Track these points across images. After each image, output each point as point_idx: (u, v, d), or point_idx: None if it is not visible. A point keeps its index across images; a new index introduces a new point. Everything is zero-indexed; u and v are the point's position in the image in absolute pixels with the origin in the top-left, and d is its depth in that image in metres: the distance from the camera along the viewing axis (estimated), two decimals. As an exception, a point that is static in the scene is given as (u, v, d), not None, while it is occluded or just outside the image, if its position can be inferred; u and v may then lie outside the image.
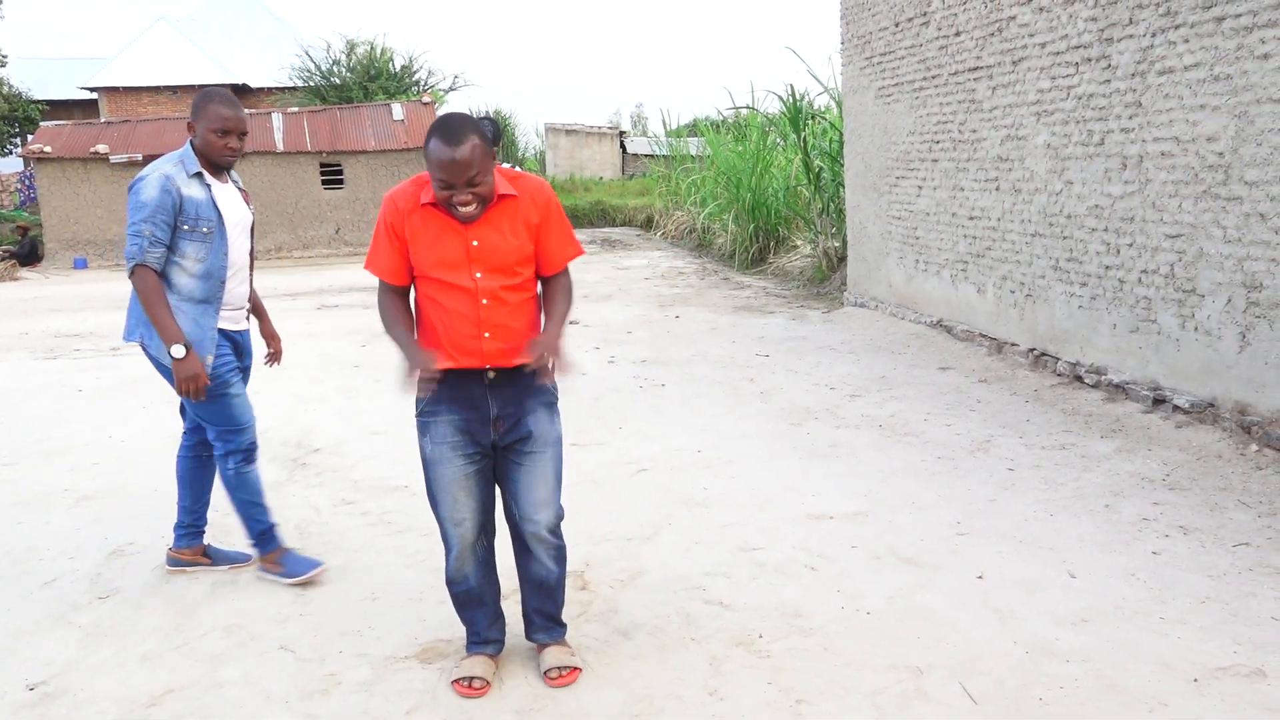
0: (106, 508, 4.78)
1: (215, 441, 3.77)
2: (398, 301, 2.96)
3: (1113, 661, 3.05)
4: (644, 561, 3.93)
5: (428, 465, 2.96)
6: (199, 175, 3.67)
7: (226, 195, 3.77)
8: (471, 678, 3.00)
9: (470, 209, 2.76)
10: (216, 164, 3.72)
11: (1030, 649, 3.14)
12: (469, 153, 2.69)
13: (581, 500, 4.48)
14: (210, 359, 3.66)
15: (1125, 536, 4.03)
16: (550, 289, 3.01)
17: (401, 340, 2.89)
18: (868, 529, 4.20)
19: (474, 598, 3.07)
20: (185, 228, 3.61)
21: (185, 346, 3.51)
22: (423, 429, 2.95)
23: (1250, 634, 3.18)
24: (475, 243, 2.82)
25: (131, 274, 3.58)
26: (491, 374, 2.89)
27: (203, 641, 3.37)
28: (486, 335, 2.83)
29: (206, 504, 4.00)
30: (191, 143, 3.71)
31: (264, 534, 3.86)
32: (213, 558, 3.99)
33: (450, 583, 3.06)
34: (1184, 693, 2.87)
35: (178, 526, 3.97)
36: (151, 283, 3.56)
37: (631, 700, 2.92)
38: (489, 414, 2.91)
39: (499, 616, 3.15)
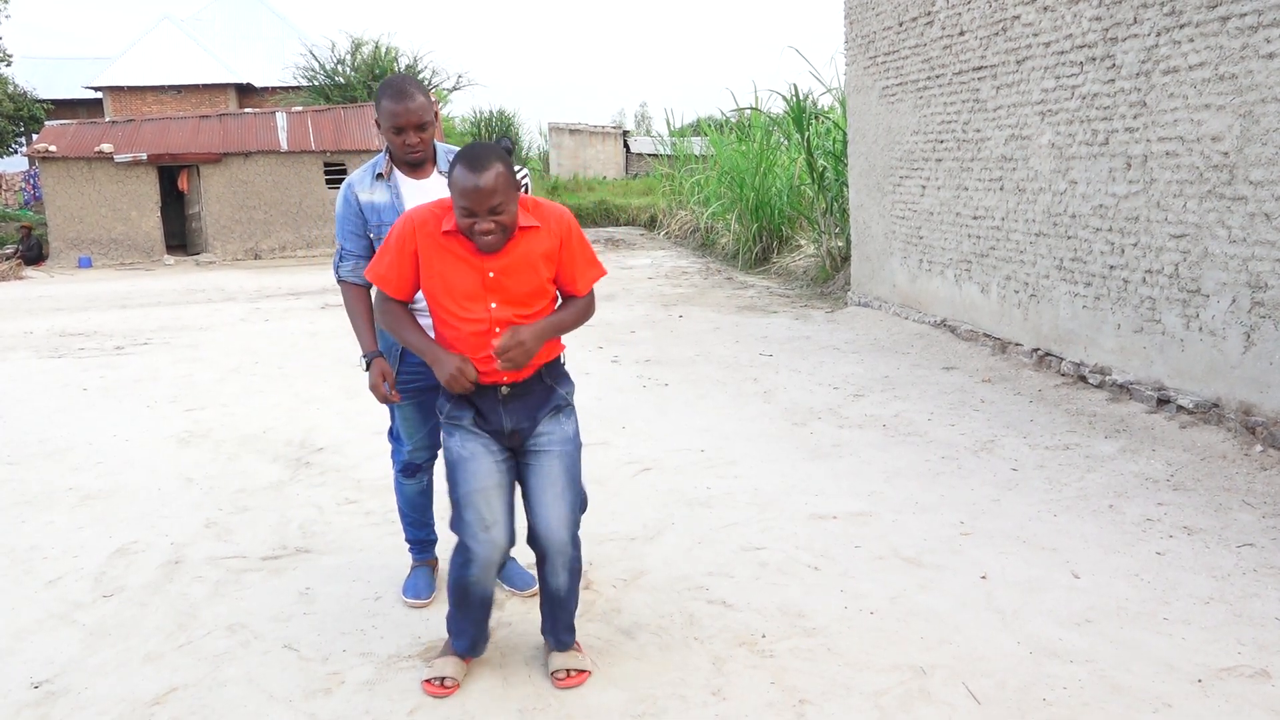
0: (110, 507, 4.79)
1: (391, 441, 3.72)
2: (400, 308, 2.96)
3: (1116, 662, 3.04)
4: (647, 561, 3.93)
5: (456, 466, 2.91)
6: (380, 177, 3.35)
7: (424, 193, 3.34)
8: (443, 677, 3.00)
9: (491, 238, 2.74)
10: (408, 162, 3.36)
11: (1034, 649, 3.14)
12: (493, 180, 2.68)
13: (584, 500, 4.48)
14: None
15: (1129, 537, 4.02)
16: (568, 302, 2.99)
17: (423, 346, 2.89)
18: (871, 529, 4.19)
19: (476, 600, 3.03)
20: (371, 235, 3.35)
21: (368, 360, 3.27)
22: (449, 432, 2.96)
23: (1254, 635, 3.18)
24: (492, 274, 2.81)
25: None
26: (505, 389, 2.90)
27: (206, 641, 3.38)
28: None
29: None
30: None
31: (415, 543, 3.77)
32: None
33: (459, 586, 2.98)
34: (1188, 694, 2.86)
35: None
36: (348, 297, 3.37)
37: (634, 700, 2.92)
38: (503, 428, 2.92)
39: (488, 613, 3.11)
